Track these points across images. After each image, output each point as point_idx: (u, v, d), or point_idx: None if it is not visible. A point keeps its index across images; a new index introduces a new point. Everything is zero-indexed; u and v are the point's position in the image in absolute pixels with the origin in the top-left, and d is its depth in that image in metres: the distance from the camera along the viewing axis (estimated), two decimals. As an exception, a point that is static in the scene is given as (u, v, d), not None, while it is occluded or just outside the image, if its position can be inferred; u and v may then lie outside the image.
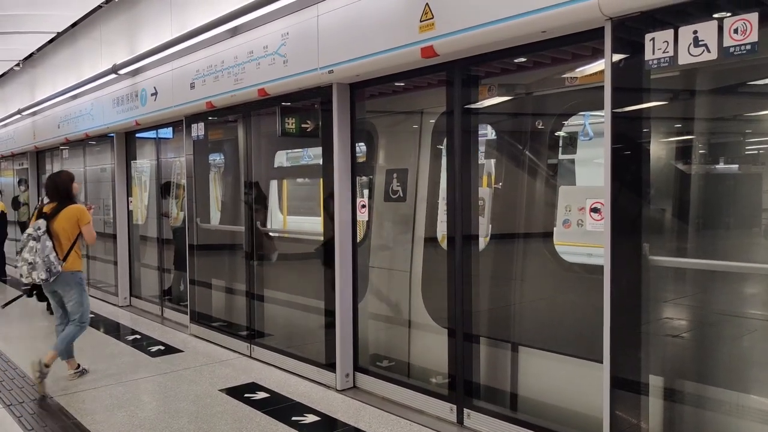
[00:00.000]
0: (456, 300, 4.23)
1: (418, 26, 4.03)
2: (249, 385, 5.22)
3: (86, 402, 4.87)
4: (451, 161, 4.24)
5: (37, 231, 5.13)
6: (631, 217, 3.21)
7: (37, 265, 5.03)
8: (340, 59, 4.71)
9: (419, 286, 5.22)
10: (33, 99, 11.44)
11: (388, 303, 5.56)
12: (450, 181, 4.25)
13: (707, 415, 3.36)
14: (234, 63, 5.85)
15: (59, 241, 5.25)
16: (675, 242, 3.39)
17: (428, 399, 4.50)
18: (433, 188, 5.19)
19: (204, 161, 7.30)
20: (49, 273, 5.08)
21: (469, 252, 4.20)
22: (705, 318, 3.50)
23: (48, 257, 5.07)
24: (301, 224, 8.98)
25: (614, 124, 3.20)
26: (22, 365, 5.85)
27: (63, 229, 5.29)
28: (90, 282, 10.11)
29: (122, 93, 8.32)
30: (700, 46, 2.87)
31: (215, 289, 7.19)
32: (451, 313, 4.28)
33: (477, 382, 4.31)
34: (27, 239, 5.12)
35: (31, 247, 5.07)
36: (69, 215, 5.34)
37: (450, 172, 4.25)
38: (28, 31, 9.60)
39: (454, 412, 4.31)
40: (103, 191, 9.82)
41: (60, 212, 5.32)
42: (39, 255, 5.04)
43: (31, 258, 5.04)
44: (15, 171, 14.72)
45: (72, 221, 5.33)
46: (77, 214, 5.37)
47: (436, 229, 5.08)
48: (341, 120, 5.04)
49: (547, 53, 3.93)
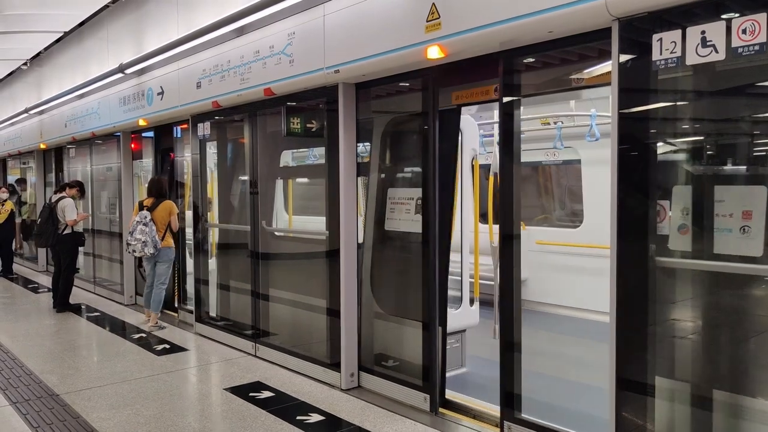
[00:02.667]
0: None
1: (425, 26, 4.03)
2: (254, 384, 5.23)
3: (92, 400, 4.89)
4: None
5: (145, 219, 7.02)
6: (637, 217, 3.19)
7: (147, 243, 6.95)
8: (346, 59, 4.71)
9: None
10: (40, 98, 11.48)
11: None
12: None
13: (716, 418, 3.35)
14: (240, 62, 5.86)
15: (157, 226, 7.10)
16: (681, 244, 3.36)
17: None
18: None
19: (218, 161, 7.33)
20: (155, 248, 7.04)
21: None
22: (713, 320, 3.47)
23: (154, 237, 7.01)
24: (305, 224, 8.99)
25: (621, 125, 3.19)
26: (29, 363, 5.88)
27: (161, 218, 7.17)
28: (96, 281, 10.14)
29: (129, 92, 8.35)
30: (708, 46, 2.85)
31: (221, 288, 7.20)
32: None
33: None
34: (136, 225, 7.00)
35: (142, 230, 6.95)
36: (164, 207, 7.23)
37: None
38: (36, 31, 9.64)
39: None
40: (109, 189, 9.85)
41: (158, 205, 7.21)
42: (149, 236, 6.95)
43: (143, 238, 6.93)
44: (20, 170, 14.79)
45: (166, 212, 7.22)
46: (169, 207, 7.28)
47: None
48: (347, 120, 5.05)
49: (555, 53, 3.92)
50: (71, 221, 8.21)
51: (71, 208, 8.25)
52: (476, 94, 4.71)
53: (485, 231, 7.01)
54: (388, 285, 5.31)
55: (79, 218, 8.45)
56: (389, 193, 5.26)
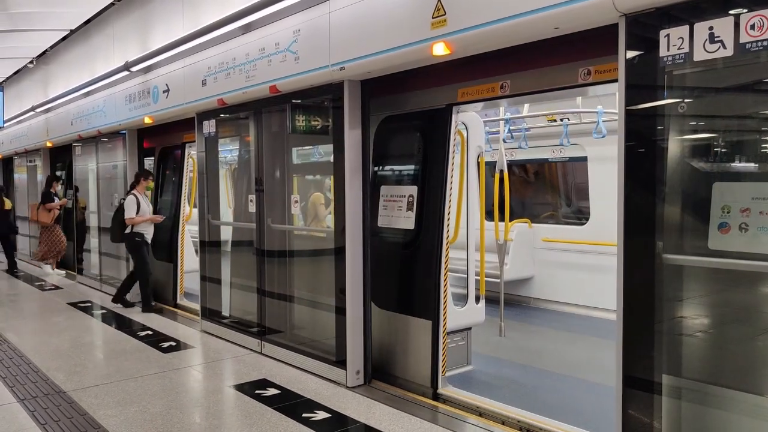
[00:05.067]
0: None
1: (430, 22, 4.02)
2: (260, 382, 5.24)
3: (99, 397, 4.91)
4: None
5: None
6: (644, 215, 3.17)
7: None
8: (352, 56, 4.70)
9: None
10: (46, 96, 11.52)
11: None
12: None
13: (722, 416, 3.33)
14: (245, 60, 5.85)
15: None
16: (690, 241, 3.34)
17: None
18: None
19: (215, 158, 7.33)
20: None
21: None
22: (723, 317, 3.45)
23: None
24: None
25: (628, 122, 3.17)
26: (36, 360, 5.90)
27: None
28: (102, 278, 10.17)
29: (134, 90, 8.37)
30: (715, 42, 2.83)
31: (225, 285, 7.21)
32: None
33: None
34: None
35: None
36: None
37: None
38: (42, 29, 9.68)
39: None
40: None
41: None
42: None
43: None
44: (27, 168, 14.83)
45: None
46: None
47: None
48: (352, 117, 5.04)
49: (560, 50, 3.91)
50: (128, 220, 8.07)
51: (129, 207, 8.05)
52: (482, 92, 4.70)
53: (491, 228, 6.99)
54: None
55: (136, 220, 8.08)
56: (382, 191, 5.33)
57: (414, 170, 5.22)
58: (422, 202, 5.03)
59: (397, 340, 5.20)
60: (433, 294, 4.85)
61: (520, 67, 4.35)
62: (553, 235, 8.55)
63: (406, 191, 5.17)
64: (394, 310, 5.21)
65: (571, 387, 5.29)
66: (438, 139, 4.94)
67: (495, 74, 4.51)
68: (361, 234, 5.12)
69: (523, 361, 6.05)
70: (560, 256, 8.38)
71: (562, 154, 8.59)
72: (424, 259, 4.96)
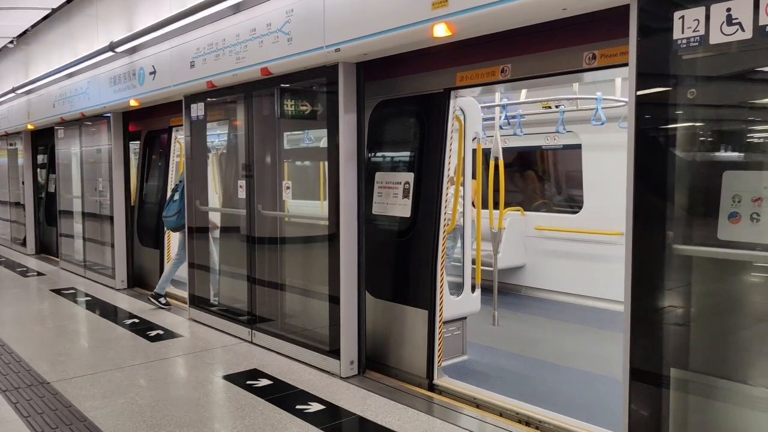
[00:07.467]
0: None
1: (431, 2, 3.87)
2: (251, 372, 5.12)
3: (84, 388, 4.76)
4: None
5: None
6: (654, 204, 3.08)
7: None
8: (348, 37, 4.54)
9: None
10: (27, 77, 11.21)
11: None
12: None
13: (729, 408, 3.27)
14: (236, 41, 5.67)
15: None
16: (700, 231, 3.25)
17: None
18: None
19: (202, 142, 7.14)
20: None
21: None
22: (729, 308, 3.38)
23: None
24: (300, 207, 8.83)
25: (639, 108, 3.06)
26: (18, 349, 5.73)
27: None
28: (87, 264, 9.95)
29: (119, 71, 8.12)
30: (733, 24, 2.72)
31: (214, 273, 7.07)
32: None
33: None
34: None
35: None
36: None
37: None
38: (22, 7, 9.37)
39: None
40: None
41: None
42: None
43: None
44: (8, 151, 14.49)
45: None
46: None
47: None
48: (347, 100, 4.89)
49: (564, 32, 3.79)
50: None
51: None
52: (481, 76, 4.58)
53: (485, 216, 6.90)
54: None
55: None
56: (377, 177, 5.21)
57: (410, 156, 5.11)
58: (419, 189, 4.92)
59: (391, 329, 5.10)
60: (430, 283, 4.76)
61: (521, 50, 4.24)
62: (545, 223, 8.49)
63: (402, 178, 5.06)
64: (389, 299, 5.12)
65: (567, 378, 5.24)
66: (435, 125, 4.83)
67: (495, 58, 4.40)
68: (355, 221, 5.00)
69: (518, 350, 5.99)
70: (553, 244, 8.33)
71: (556, 141, 8.51)
72: (421, 247, 4.86)
